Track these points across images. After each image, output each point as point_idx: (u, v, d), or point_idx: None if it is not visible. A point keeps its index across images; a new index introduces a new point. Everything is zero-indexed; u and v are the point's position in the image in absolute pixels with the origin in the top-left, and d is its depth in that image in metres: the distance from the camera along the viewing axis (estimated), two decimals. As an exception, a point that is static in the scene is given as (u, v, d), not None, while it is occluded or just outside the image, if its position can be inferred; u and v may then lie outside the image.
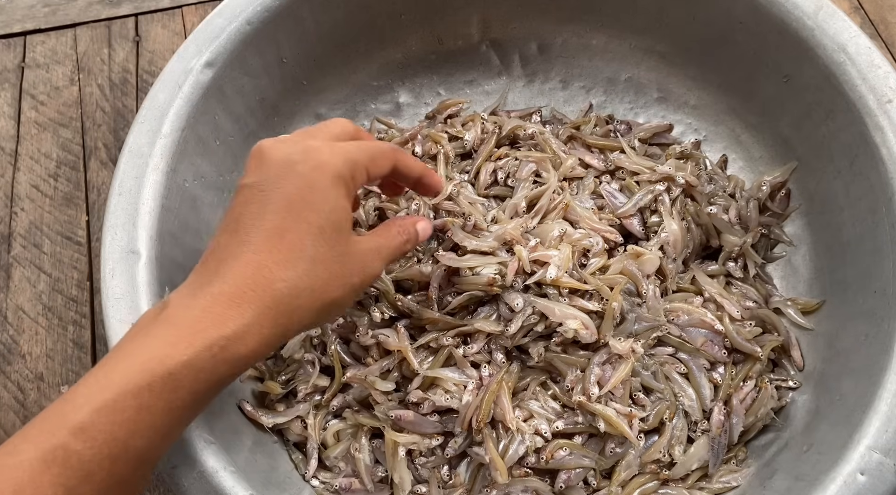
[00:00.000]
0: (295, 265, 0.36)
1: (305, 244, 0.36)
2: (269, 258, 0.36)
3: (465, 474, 0.49)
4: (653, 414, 0.49)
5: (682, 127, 0.64)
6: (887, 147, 0.48)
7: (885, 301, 0.46)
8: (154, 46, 0.78)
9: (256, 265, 0.35)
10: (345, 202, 0.39)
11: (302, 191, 0.37)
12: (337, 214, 0.38)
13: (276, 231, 0.36)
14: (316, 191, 0.37)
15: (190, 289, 0.36)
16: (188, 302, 0.35)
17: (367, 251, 0.40)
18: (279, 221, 0.36)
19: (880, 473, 0.40)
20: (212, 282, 0.35)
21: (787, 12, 0.53)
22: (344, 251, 0.38)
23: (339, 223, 0.38)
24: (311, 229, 0.37)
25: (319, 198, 0.37)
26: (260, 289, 0.35)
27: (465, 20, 0.64)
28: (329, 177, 0.38)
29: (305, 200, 0.37)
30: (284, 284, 0.35)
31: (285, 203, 0.37)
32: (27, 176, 0.71)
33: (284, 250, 0.36)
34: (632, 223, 0.56)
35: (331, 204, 0.38)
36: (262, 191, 0.37)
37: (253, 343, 0.34)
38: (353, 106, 0.65)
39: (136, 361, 0.32)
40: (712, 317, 0.52)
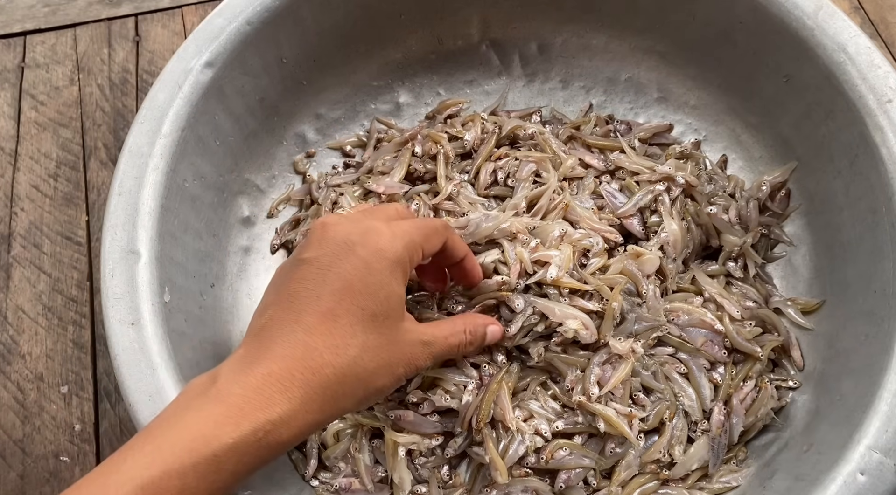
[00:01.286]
0: (345, 351, 0.36)
1: (357, 330, 0.36)
2: (320, 341, 0.35)
3: (465, 474, 0.49)
4: (653, 414, 0.49)
5: (682, 127, 0.64)
6: (887, 147, 0.48)
7: (885, 301, 0.46)
8: (154, 46, 0.78)
9: (307, 347, 0.35)
10: (400, 288, 0.39)
11: (360, 274, 0.37)
12: (391, 301, 0.38)
13: (330, 314, 0.36)
14: (373, 276, 0.37)
15: (240, 364, 0.35)
16: (238, 378, 0.34)
17: (417, 343, 0.40)
18: (334, 304, 0.36)
19: (880, 473, 0.40)
20: (262, 360, 0.35)
21: (787, 12, 0.53)
22: (394, 339, 0.38)
23: (393, 310, 0.38)
24: (364, 315, 0.36)
25: (376, 284, 0.37)
26: (308, 373, 0.35)
27: (465, 20, 0.64)
28: (388, 263, 0.38)
29: (363, 283, 0.37)
30: (332, 370, 0.35)
31: (342, 285, 0.36)
32: (27, 176, 0.71)
33: (337, 335, 0.36)
34: (632, 223, 0.56)
35: (386, 290, 0.37)
36: (320, 268, 0.37)
37: (296, 428, 0.34)
38: (353, 106, 0.65)
39: (184, 438, 0.32)
40: (712, 317, 0.52)
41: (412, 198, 0.58)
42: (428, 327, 0.42)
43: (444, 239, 0.43)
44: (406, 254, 0.39)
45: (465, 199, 0.57)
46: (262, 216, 0.61)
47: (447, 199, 0.57)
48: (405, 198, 0.59)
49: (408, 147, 0.61)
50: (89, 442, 0.59)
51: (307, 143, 0.64)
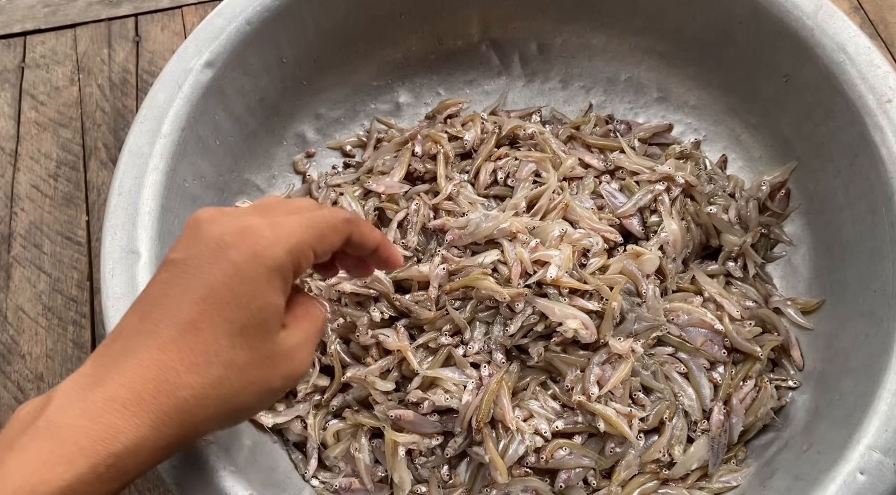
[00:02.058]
0: (206, 370, 0.31)
1: (222, 346, 0.32)
2: (177, 359, 0.31)
3: (465, 474, 0.49)
4: (653, 413, 0.49)
5: (681, 127, 0.64)
6: (887, 147, 0.48)
7: (885, 300, 0.46)
8: (154, 46, 0.78)
9: (161, 366, 0.30)
10: (278, 298, 0.34)
11: (230, 282, 0.32)
12: (265, 312, 0.33)
13: (191, 326, 0.31)
14: (245, 284, 0.32)
15: (80, 385, 0.30)
16: (75, 404, 0.29)
17: (295, 348, 0.35)
18: (197, 315, 0.31)
19: (880, 472, 0.40)
20: (106, 381, 0.30)
21: (787, 12, 0.53)
22: (266, 354, 0.34)
23: (266, 322, 0.33)
24: (231, 329, 0.32)
25: (248, 293, 0.32)
26: (162, 395, 0.30)
27: (465, 20, 0.64)
28: (265, 270, 0.33)
29: (232, 293, 0.32)
30: (191, 392, 0.31)
31: (208, 293, 0.32)
32: (27, 176, 0.71)
33: (197, 351, 0.31)
34: (631, 223, 0.56)
35: (260, 301, 0.33)
36: (185, 272, 0.32)
37: (145, 457, 0.30)
38: (353, 106, 0.65)
39: (5, 491, 0.27)
40: (712, 316, 0.52)
41: (412, 197, 0.58)
42: (296, 325, 0.36)
43: (344, 235, 0.38)
44: (289, 260, 0.34)
45: (465, 199, 0.57)
46: (262, 216, 0.61)
47: (447, 199, 0.57)
48: (405, 197, 0.59)
49: (408, 147, 0.61)
50: (89, 442, 0.59)
51: (307, 143, 0.64)
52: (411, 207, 0.57)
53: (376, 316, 0.52)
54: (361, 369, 0.51)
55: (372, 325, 0.52)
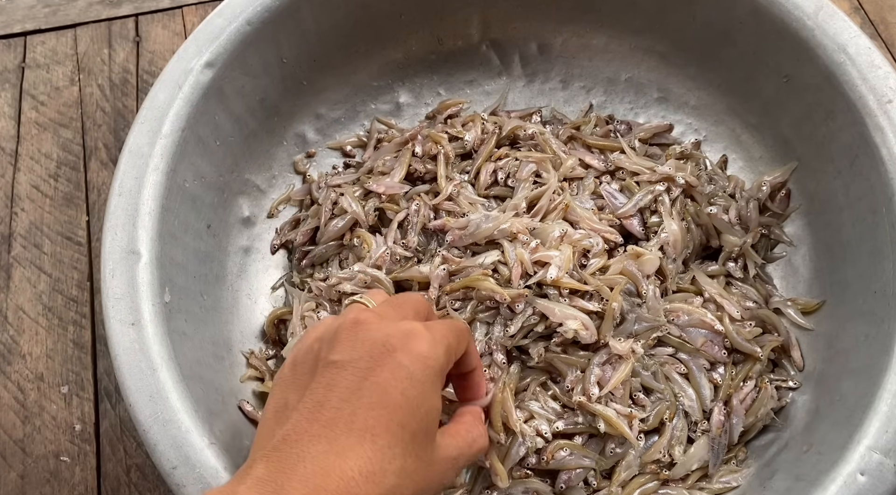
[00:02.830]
0: (382, 480, 0.30)
1: (396, 453, 0.31)
2: (356, 468, 0.30)
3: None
4: (653, 414, 0.49)
5: (682, 127, 0.64)
6: (887, 147, 0.48)
7: (885, 301, 0.46)
8: (154, 47, 0.78)
9: (342, 476, 0.30)
10: (439, 401, 0.34)
11: (402, 386, 0.32)
12: (430, 416, 0.33)
13: (367, 433, 0.31)
14: (415, 388, 0.33)
15: (260, 491, 0.29)
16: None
17: (448, 460, 0.35)
18: (372, 421, 0.31)
19: (880, 473, 0.40)
20: (288, 488, 0.29)
21: (788, 12, 0.53)
22: (429, 460, 0.33)
23: (431, 427, 0.34)
24: (403, 435, 0.32)
25: (418, 397, 0.32)
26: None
27: (465, 20, 0.64)
28: (431, 373, 0.33)
29: (404, 397, 0.32)
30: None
31: (380, 398, 0.32)
32: (27, 176, 0.71)
33: (374, 460, 0.30)
34: (632, 223, 0.56)
35: (427, 405, 0.33)
36: (354, 375, 0.32)
37: None
38: (353, 106, 0.65)
39: None
40: (712, 317, 0.52)
41: (412, 198, 0.58)
42: (451, 438, 0.37)
43: (467, 344, 0.39)
44: (447, 362, 0.35)
45: (466, 200, 0.57)
46: (263, 216, 0.61)
47: (447, 200, 0.57)
48: (405, 198, 0.59)
49: (408, 147, 0.61)
50: (90, 443, 0.59)
51: (307, 143, 0.64)
52: (412, 208, 0.57)
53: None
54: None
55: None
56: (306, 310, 0.54)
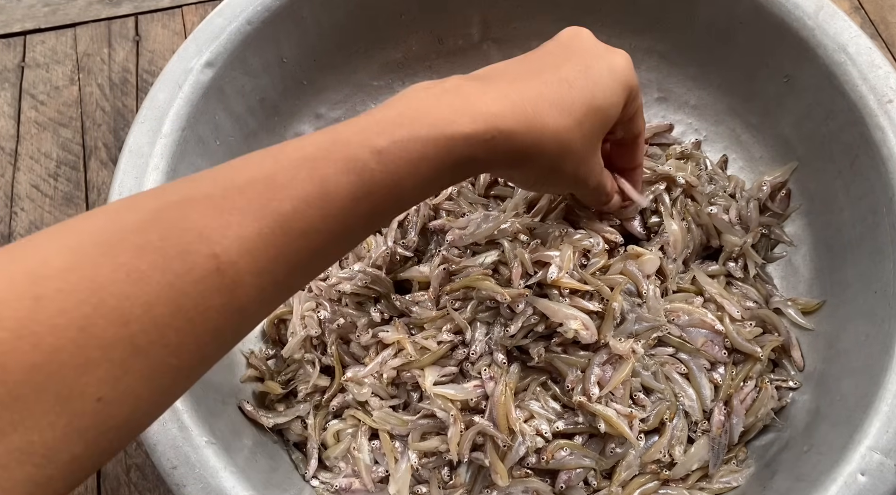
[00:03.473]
0: (570, 107, 0.39)
1: (581, 113, 0.40)
2: (568, 91, 0.40)
3: (466, 474, 0.49)
4: (653, 414, 0.49)
5: (682, 127, 0.64)
6: (888, 147, 0.48)
7: (886, 301, 0.46)
8: (154, 46, 0.78)
9: (561, 82, 0.40)
10: (616, 113, 0.43)
11: (605, 81, 0.41)
12: (611, 113, 0.42)
13: (565, 82, 0.40)
14: (611, 88, 0.42)
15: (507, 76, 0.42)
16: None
17: (594, 165, 0.44)
18: (572, 75, 0.40)
19: (881, 474, 0.40)
20: (518, 81, 0.41)
21: (788, 12, 0.53)
22: (588, 149, 0.42)
23: (604, 127, 0.42)
24: (587, 110, 0.40)
25: (609, 97, 0.41)
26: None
27: (466, 20, 0.64)
28: (621, 89, 0.43)
29: (593, 82, 0.41)
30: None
31: (583, 67, 0.41)
32: (27, 176, 0.71)
33: (563, 93, 0.39)
34: (632, 224, 0.55)
35: (610, 108, 0.42)
36: (560, 49, 0.44)
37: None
38: (354, 106, 0.65)
39: (429, 119, 0.34)
40: (713, 317, 0.52)
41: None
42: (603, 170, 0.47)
43: (639, 104, 0.46)
44: (624, 96, 0.43)
45: (466, 199, 0.57)
46: (263, 216, 0.61)
47: (447, 200, 0.57)
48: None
49: (408, 147, 0.61)
50: (89, 442, 0.59)
51: (307, 143, 0.64)
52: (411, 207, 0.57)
53: (376, 316, 0.52)
54: (362, 369, 0.51)
55: (371, 325, 0.52)
56: (306, 309, 0.54)
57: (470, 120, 0.35)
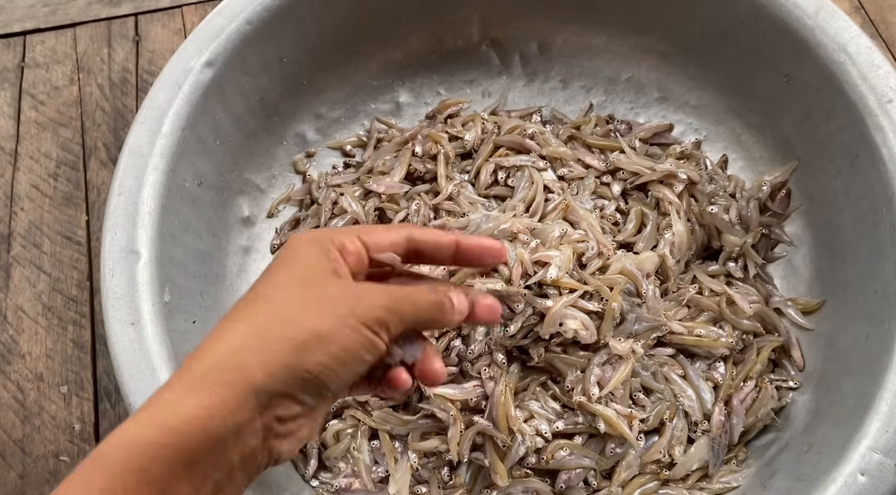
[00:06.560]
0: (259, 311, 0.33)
1: (274, 293, 0.33)
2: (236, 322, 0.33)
3: (466, 475, 0.49)
4: (653, 414, 0.49)
5: (682, 127, 0.64)
6: (888, 147, 0.48)
7: (886, 301, 0.46)
8: (154, 46, 0.78)
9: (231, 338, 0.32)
10: (323, 261, 0.35)
11: (281, 258, 0.35)
12: (313, 267, 0.34)
13: (251, 297, 0.34)
14: (290, 253, 0.35)
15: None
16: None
17: (367, 286, 0.35)
18: (252, 290, 0.34)
19: (881, 473, 0.40)
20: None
21: (788, 12, 0.53)
22: (323, 291, 0.34)
23: (315, 272, 0.34)
24: (280, 281, 0.34)
25: (293, 259, 0.35)
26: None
27: (466, 20, 0.64)
28: (304, 242, 0.35)
29: (282, 262, 0.35)
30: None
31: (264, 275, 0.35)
32: (27, 175, 0.71)
33: (250, 307, 0.33)
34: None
35: (305, 261, 0.34)
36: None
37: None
38: (353, 106, 0.65)
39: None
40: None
41: (412, 197, 0.58)
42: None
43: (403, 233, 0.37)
44: (325, 237, 0.36)
45: (466, 199, 0.57)
46: (262, 216, 0.61)
47: (447, 199, 0.57)
48: (405, 197, 0.59)
49: (408, 147, 0.61)
50: (89, 442, 0.59)
51: (307, 143, 0.64)
52: (412, 207, 0.57)
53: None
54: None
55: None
56: (306, 309, 0.54)
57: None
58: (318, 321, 0.32)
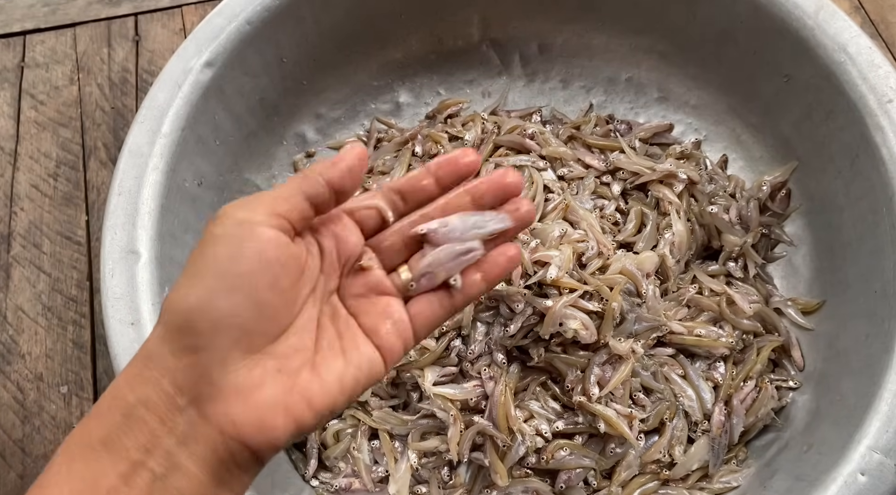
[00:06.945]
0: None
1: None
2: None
3: (465, 474, 0.49)
4: (653, 414, 0.49)
5: (682, 127, 0.64)
6: (888, 147, 0.48)
7: (886, 301, 0.46)
8: (154, 46, 0.78)
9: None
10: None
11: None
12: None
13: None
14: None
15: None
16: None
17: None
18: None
19: (881, 473, 0.40)
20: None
21: (788, 12, 0.53)
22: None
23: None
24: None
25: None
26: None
27: (466, 20, 0.64)
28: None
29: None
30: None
31: None
32: (27, 175, 0.71)
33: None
34: None
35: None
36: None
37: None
38: (353, 106, 0.65)
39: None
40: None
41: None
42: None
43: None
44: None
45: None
46: (262, 216, 0.61)
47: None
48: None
49: (408, 147, 0.61)
50: (89, 442, 0.59)
51: (307, 143, 0.64)
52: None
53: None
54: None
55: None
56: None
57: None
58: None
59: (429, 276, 0.34)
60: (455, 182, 0.35)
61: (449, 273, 0.34)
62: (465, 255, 0.34)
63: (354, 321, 0.33)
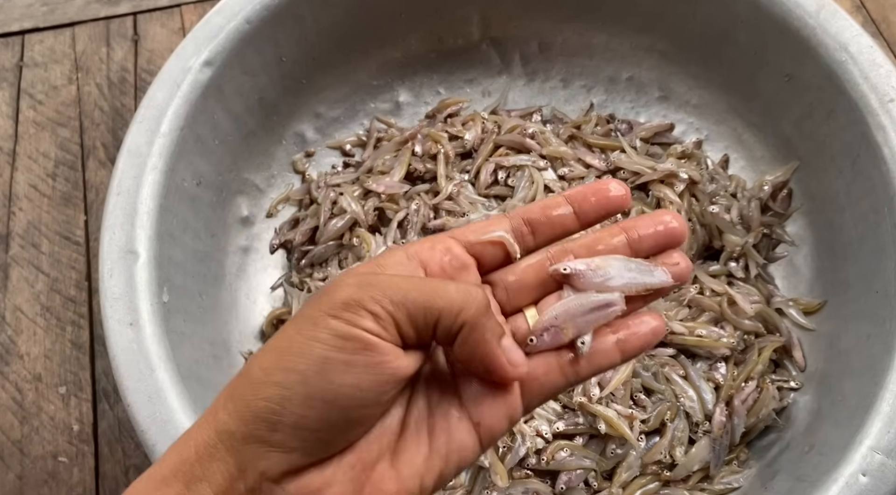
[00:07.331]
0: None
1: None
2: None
3: (465, 475, 0.49)
4: (654, 415, 0.48)
5: (683, 126, 0.64)
6: (889, 146, 0.48)
7: (888, 301, 0.46)
8: (153, 45, 0.77)
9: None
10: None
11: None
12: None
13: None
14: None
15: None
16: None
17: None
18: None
19: (882, 474, 0.40)
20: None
21: (789, 11, 0.53)
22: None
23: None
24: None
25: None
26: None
27: (466, 19, 0.64)
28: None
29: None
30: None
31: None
32: (25, 175, 0.71)
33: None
34: None
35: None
36: None
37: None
38: (353, 105, 0.65)
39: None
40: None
41: (412, 197, 0.58)
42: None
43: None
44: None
45: (466, 199, 0.57)
46: (261, 216, 0.61)
47: (447, 199, 0.57)
48: (405, 197, 0.59)
49: (408, 146, 0.61)
50: (88, 443, 0.59)
51: (306, 143, 0.64)
52: (411, 207, 0.57)
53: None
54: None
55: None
56: (305, 309, 0.54)
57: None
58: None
59: (553, 331, 0.27)
60: (601, 217, 0.30)
61: (578, 330, 0.27)
62: (602, 310, 0.27)
63: (451, 385, 0.27)
